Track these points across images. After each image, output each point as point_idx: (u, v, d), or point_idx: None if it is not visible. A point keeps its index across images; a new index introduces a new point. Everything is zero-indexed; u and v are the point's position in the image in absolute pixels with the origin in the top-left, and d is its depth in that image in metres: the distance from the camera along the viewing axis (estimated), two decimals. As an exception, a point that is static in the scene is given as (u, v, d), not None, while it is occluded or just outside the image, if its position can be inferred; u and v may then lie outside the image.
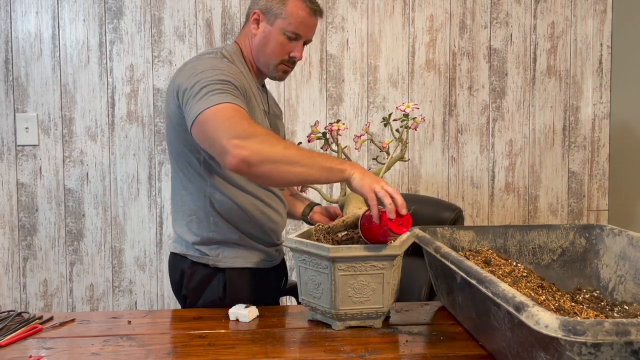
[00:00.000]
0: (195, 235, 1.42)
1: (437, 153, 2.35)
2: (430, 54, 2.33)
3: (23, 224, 2.26)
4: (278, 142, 1.19)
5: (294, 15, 1.40)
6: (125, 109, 2.26)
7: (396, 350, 1.10)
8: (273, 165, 1.15)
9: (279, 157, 1.15)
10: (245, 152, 1.13)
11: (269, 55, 1.43)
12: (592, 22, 2.36)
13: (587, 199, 2.40)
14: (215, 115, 1.20)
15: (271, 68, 1.45)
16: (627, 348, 0.75)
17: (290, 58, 1.44)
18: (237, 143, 1.14)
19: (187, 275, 1.44)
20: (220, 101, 1.21)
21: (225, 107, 1.21)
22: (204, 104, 1.22)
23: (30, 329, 1.20)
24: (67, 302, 2.29)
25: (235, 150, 1.14)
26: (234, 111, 1.21)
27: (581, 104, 2.38)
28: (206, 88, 1.25)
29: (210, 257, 1.42)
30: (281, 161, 1.15)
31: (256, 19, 1.43)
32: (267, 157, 1.15)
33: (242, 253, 1.43)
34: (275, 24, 1.41)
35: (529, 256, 1.43)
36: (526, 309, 0.80)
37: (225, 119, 1.19)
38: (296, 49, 1.43)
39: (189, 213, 1.43)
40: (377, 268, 1.17)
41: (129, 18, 2.24)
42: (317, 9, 1.44)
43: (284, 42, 1.41)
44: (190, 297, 1.44)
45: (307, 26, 1.43)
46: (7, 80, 2.22)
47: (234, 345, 1.12)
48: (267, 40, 1.42)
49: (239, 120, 1.19)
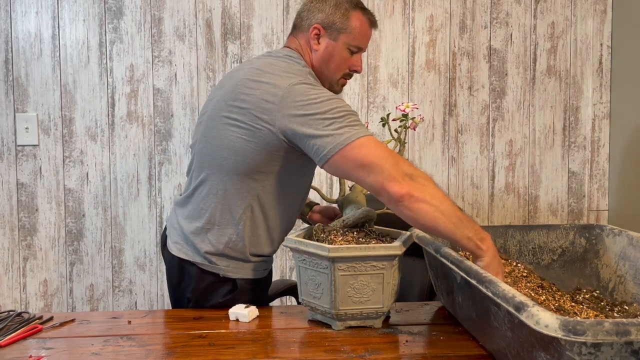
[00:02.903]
0: (210, 245, 1.38)
1: (437, 153, 2.35)
2: (430, 54, 2.33)
3: (23, 224, 2.26)
4: (438, 190, 1.20)
5: (357, 29, 1.40)
6: (125, 109, 2.26)
7: (396, 350, 1.10)
8: (429, 207, 1.17)
9: (437, 203, 1.17)
10: (414, 186, 1.17)
11: (332, 70, 1.42)
12: (592, 22, 2.36)
13: (587, 199, 2.40)
14: (370, 145, 1.21)
15: (333, 83, 1.45)
16: (627, 348, 0.75)
17: (352, 71, 1.45)
18: (408, 177, 1.18)
19: (194, 281, 1.41)
20: (363, 134, 1.23)
21: (377, 141, 1.24)
22: (354, 132, 1.22)
23: (30, 329, 1.20)
24: (67, 302, 2.29)
25: (406, 182, 1.17)
26: (386, 147, 1.24)
27: (581, 104, 2.38)
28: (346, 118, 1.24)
29: (220, 266, 1.39)
30: (437, 208, 1.17)
31: (317, 34, 1.41)
32: (429, 199, 1.17)
33: (249, 266, 1.43)
34: (340, 39, 1.40)
35: (529, 256, 1.43)
36: (526, 309, 0.80)
37: (387, 153, 1.22)
38: (357, 62, 1.44)
39: (212, 221, 1.38)
40: (377, 268, 1.17)
41: (129, 18, 2.24)
42: (375, 20, 1.45)
43: (347, 57, 1.42)
44: (194, 300, 1.41)
45: (368, 38, 1.44)
46: (7, 80, 2.22)
47: (234, 345, 1.12)
48: (330, 55, 1.41)
49: (399, 158, 1.23)
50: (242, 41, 2.26)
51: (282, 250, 2.30)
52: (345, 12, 1.39)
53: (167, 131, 2.27)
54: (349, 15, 1.39)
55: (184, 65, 2.26)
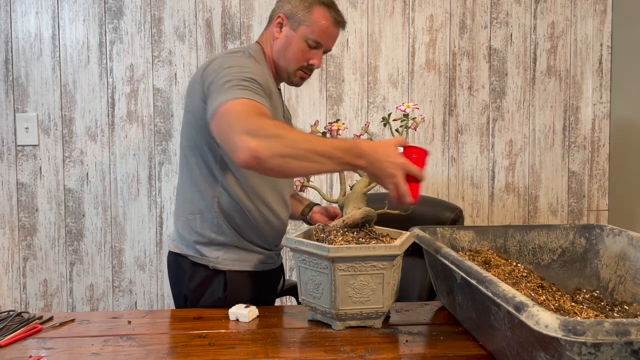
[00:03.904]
0: (197, 234, 1.43)
1: (437, 153, 2.35)
2: (430, 54, 2.33)
3: (23, 224, 2.26)
4: (288, 135, 1.13)
5: (317, 23, 1.41)
6: (125, 109, 2.26)
7: (396, 350, 1.10)
8: (282, 159, 1.11)
9: (288, 151, 1.10)
10: (255, 146, 1.10)
11: (288, 60, 1.44)
12: (592, 22, 2.36)
13: (587, 199, 2.40)
14: (232, 110, 1.18)
15: (289, 73, 1.46)
16: (627, 348, 0.75)
17: (309, 65, 1.46)
18: (247, 138, 1.11)
19: (187, 275, 1.44)
20: (239, 96, 1.20)
21: (243, 102, 1.19)
22: (223, 97, 1.21)
23: (30, 329, 1.20)
24: (67, 302, 2.29)
25: (245, 146, 1.10)
26: (250, 107, 1.18)
27: (581, 104, 2.38)
28: (230, 82, 1.24)
29: (210, 258, 1.42)
30: (290, 155, 1.11)
31: (280, 22, 1.44)
32: (277, 152, 1.10)
33: (241, 256, 1.44)
34: (299, 30, 1.42)
35: (529, 256, 1.43)
36: (526, 309, 0.80)
37: (240, 113, 1.17)
38: (316, 57, 1.45)
39: (193, 211, 1.43)
40: (377, 268, 1.17)
41: (129, 18, 2.24)
42: (340, 20, 1.46)
43: (304, 49, 1.43)
44: (191, 297, 1.44)
45: (329, 36, 1.44)
46: (7, 80, 2.22)
47: (234, 345, 1.12)
48: (288, 45, 1.43)
49: (251, 115, 1.16)
50: (242, 41, 2.26)
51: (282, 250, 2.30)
52: (310, 5, 1.41)
53: (167, 131, 2.27)
54: (312, 9, 1.41)
55: (184, 65, 2.26)
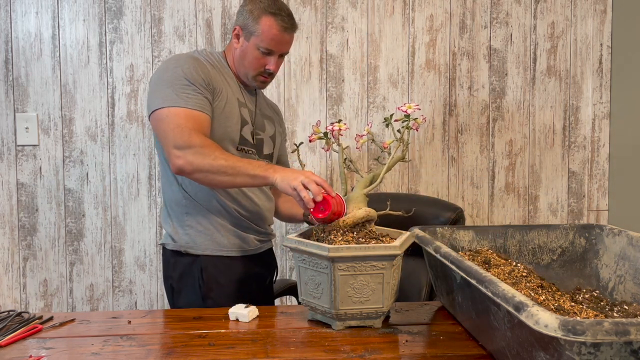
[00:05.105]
0: (172, 219, 1.55)
1: (437, 153, 2.35)
2: (430, 54, 2.33)
3: (23, 224, 2.26)
4: (210, 154, 1.36)
5: (265, 33, 1.53)
6: (125, 109, 2.26)
7: (396, 350, 1.10)
8: (203, 174, 1.37)
9: (207, 167, 1.36)
10: (181, 162, 1.37)
11: (246, 67, 1.57)
12: (592, 22, 2.36)
13: (587, 199, 2.40)
14: (165, 119, 1.40)
15: (250, 79, 1.59)
16: (626, 348, 0.75)
17: (266, 70, 1.57)
18: (176, 153, 1.37)
19: (170, 266, 1.55)
20: (173, 104, 1.41)
21: (177, 113, 1.40)
22: (160, 101, 1.42)
23: (30, 329, 1.20)
24: (67, 302, 2.29)
25: (174, 159, 1.38)
26: (184, 119, 1.39)
27: (581, 104, 2.38)
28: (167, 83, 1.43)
29: (181, 243, 1.52)
30: (209, 171, 1.36)
31: (237, 34, 1.57)
32: (198, 168, 1.36)
33: (213, 238, 1.52)
34: (251, 40, 1.54)
35: (529, 256, 1.43)
36: (526, 309, 0.80)
37: (174, 126, 1.38)
38: (270, 63, 1.56)
39: (166, 198, 1.57)
40: (377, 268, 1.17)
41: (129, 18, 2.24)
42: (287, 27, 1.54)
43: (259, 57, 1.55)
44: (175, 286, 1.54)
45: (278, 42, 1.54)
46: (7, 80, 2.22)
47: (234, 345, 1.12)
48: (244, 54, 1.56)
49: (183, 130, 1.38)
50: (242, 41, 2.26)
51: (282, 250, 2.30)
52: (257, 17, 1.53)
53: (167, 131, 2.26)
54: (260, 20, 1.52)
55: (184, 65, 2.26)
